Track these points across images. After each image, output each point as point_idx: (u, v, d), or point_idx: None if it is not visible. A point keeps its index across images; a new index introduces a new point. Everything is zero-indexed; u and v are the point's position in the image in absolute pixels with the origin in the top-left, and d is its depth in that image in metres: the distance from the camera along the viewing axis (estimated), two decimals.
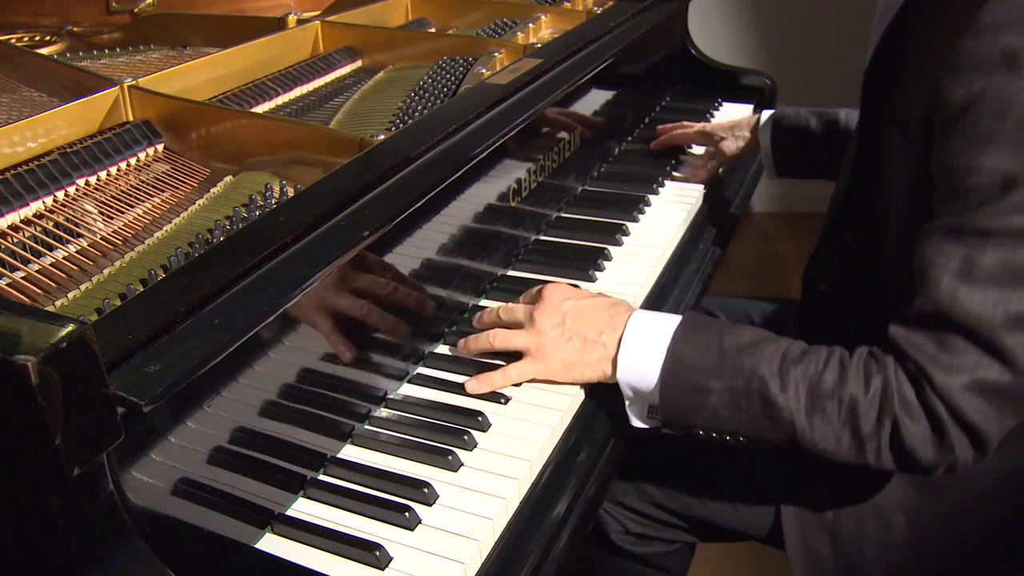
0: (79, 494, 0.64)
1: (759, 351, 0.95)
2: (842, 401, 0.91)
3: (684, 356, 0.97)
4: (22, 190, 1.03)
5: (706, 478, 1.20)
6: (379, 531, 0.85)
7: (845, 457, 0.93)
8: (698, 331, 0.99)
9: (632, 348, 1.00)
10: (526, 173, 1.31)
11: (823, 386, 0.92)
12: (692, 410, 0.97)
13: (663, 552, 1.30)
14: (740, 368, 0.95)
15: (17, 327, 0.61)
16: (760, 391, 0.94)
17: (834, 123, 1.46)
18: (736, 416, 0.96)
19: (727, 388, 0.95)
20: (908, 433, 0.89)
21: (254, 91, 1.38)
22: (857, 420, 0.91)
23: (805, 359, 0.94)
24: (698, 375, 0.96)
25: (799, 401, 0.92)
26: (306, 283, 0.84)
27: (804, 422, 0.92)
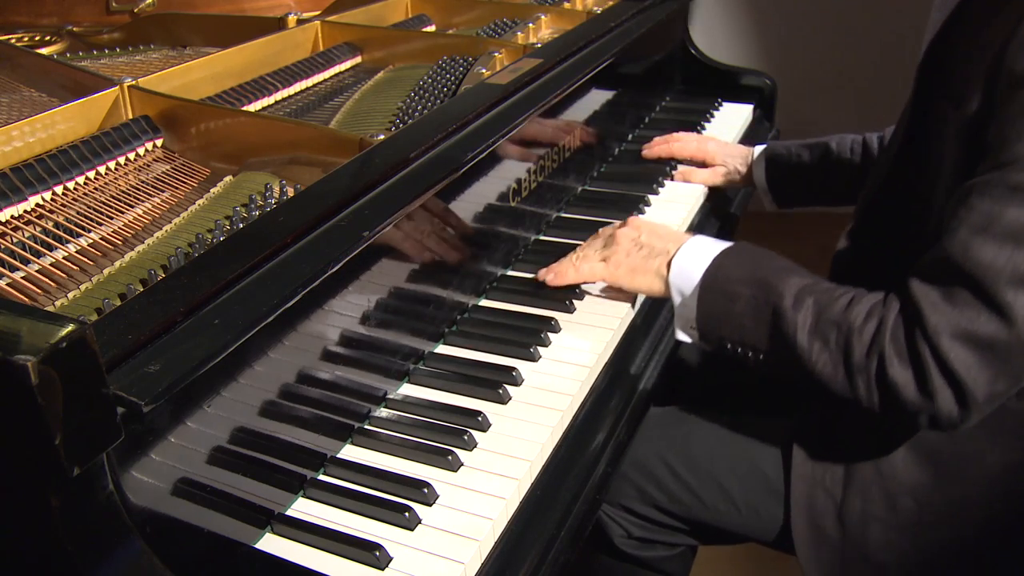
0: (79, 494, 0.64)
1: (789, 274, 1.02)
2: (840, 328, 0.95)
3: (724, 265, 1.07)
4: (21, 185, 1.03)
5: (710, 481, 1.19)
6: (379, 531, 0.85)
7: (840, 387, 0.96)
8: (745, 251, 1.09)
9: (686, 255, 1.10)
10: (526, 173, 1.31)
11: (830, 312, 0.96)
12: (722, 316, 1.05)
13: (665, 556, 1.30)
14: (766, 283, 1.02)
15: (17, 327, 0.61)
16: (775, 305, 1.00)
17: (826, 153, 1.48)
18: (755, 327, 1.02)
19: (752, 297, 1.02)
20: (893, 371, 0.91)
21: (253, 87, 1.38)
22: (851, 349, 0.94)
23: (825, 290, 0.99)
24: (731, 282, 1.05)
25: (806, 320, 0.97)
26: (306, 283, 0.84)
27: (805, 341, 0.97)
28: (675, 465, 1.21)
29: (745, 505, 1.18)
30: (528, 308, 1.21)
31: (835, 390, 0.97)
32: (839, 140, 1.47)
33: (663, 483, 1.21)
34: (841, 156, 1.46)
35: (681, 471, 1.20)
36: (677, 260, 1.10)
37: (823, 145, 1.49)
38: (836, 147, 1.47)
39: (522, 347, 1.10)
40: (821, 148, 1.49)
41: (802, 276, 1.02)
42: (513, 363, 1.08)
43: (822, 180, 1.49)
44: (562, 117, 1.43)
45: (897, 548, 1.09)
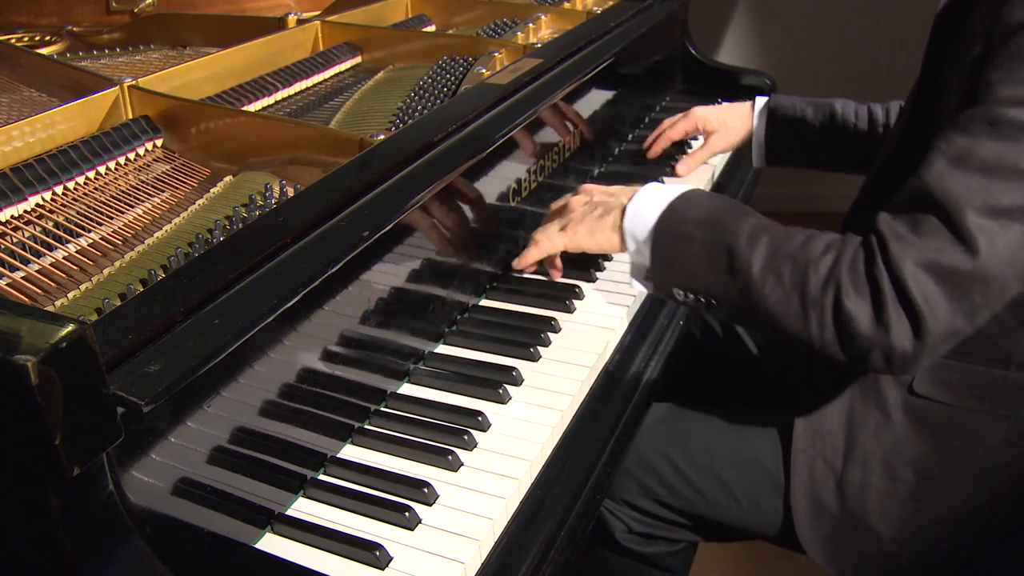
0: (79, 494, 0.64)
1: (743, 215, 1.00)
2: (796, 262, 0.93)
3: (678, 208, 1.04)
4: (21, 185, 1.03)
5: (711, 476, 1.20)
6: (379, 531, 0.85)
7: (792, 325, 0.93)
8: (701, 194, 1.06)
9: (640, 201, 1.08)
10: (526, 173, 1.31)
11: (786, 247, 0.94)
12: (674, 259, 1.02)
13: (667, 552, 1.30)
14: (722, 224, 0.99)
15: (17, 327, 0.61)
16: (729, 244, 0.97)
17: (831, 113, 1.47)
18: (708, 269, 0.99)
19: (706, 239, 0.99)
20: (849, 302, 0.89)
21: (253, 87, 1.38)
22: (806, 282, 0.92)
23: (782, 229, 0.98)
24: (685, 224, 1.02)
25: (760, 257, 0.95)
26: (306, 283, 0.84)
27: (758, 276, 0.94)
28: (676, 460, 1.21)
29: (746, 499, 1.18)
30: (528, 308, 1.21)
31: (787, 328, 0.94)
32: (844, 104, 1.47)
33: (664, 478, 1.21)
34: (846, 120, 1.46)
35: (682, 465, 1.20)
36: (631, 207, 1.08)
37: (828, 105, 1.48)
38: (841, 110, 1.47)
39: (522, 347, 1.10)
40: (826, 108, 1.48)
41: (759, 218, 1.00)
42: (513, 363, 1.08)
43: (821, 141, 1.48)
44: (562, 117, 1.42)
45: (895, 518, 1.09)
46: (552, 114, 1.38)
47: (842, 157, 1.48)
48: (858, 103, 1.47)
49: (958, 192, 0.86)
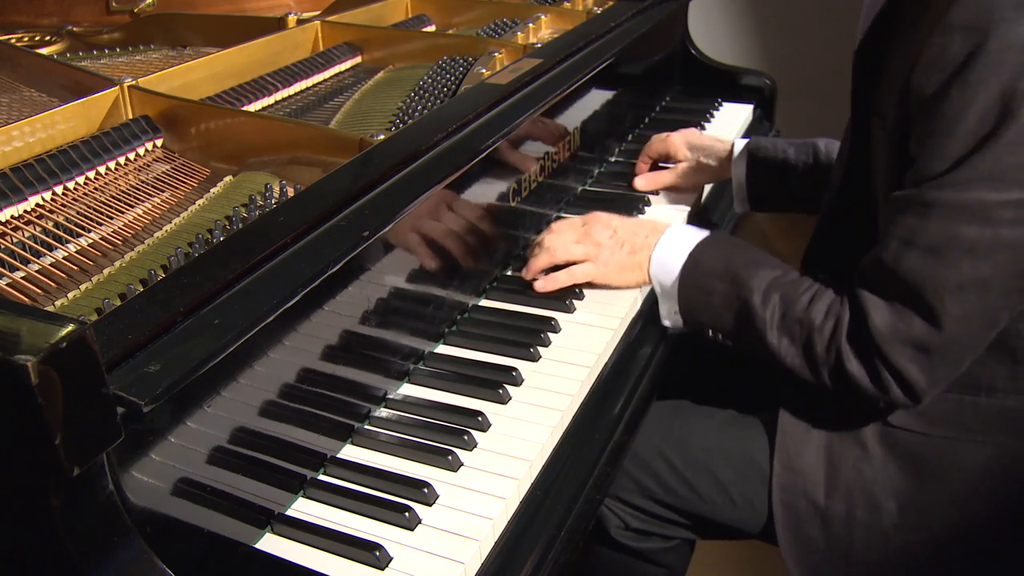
0: (79, 494, 0.64)
1: (758, 268, 1.10)
2: (803, 325, 1.04)
3: (700, 259, 1.14)
4: (21, 185, 1.03)
5: (706, 474, 1.20)
6: (379, 531, 0.85)
7: (807, 376, 1.06)
8: (719, 242, 1.16)
9: (665, 247, 1.18)
10: (526, 173, 1.31)
11: (794, 309, 1.05)
12: (701, 307, 1.14)
13: (662, 548, 1.30)
14: (737, 277, 1.10)
15: (17, 327, 0.61)
16: (745, 300, 1.08)
17: (815, 154, 1.42)
18: (731, 319, 1.11)
19: (725, 292, 1.10)
20: (850, 366, 1.01)
21: (253, 87, 1.38)
22: (812, 344, 1.03)
23: (789, 285, 1.07)
24: (706, 276, 1.13)
25: (773, 316, 1.06)
26: (306, 283, 0.84)
27: (774, 337, 1.06)
28: (672, 458, 1.21)
29: (741, 498, 1.18)
30: (528, 308, 1.21)
31: (803, 377, 1.06)
32: (827, 143, 1.42)
33: (660, 476, 1.21)
34: (831, 159, 1.40)
35: (678, 464, 1.21)
36: (656, 254, 1.18)
37: (811, 145, 1.43)
38: (825, 148, 1.42)
39: (522, 347, 1.10)
40: (808, 148, 1.43)
41: (771, 268, 1.09)
42: (513, 363, 1.08)
43: (805, 182, 1.43)
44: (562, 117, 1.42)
45: (881, 549, 1.10)
46: (552, 114, 1.38)
47: None
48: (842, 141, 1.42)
49: (913, 273, 0.96)
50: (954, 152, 0.91)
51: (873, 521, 1.10)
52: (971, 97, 0.89)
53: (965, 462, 1.07)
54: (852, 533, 1.10)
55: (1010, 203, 0.90)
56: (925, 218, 0.94)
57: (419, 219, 1.05)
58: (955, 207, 0.92)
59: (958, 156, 0.91)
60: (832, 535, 1.11)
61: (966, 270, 0.93)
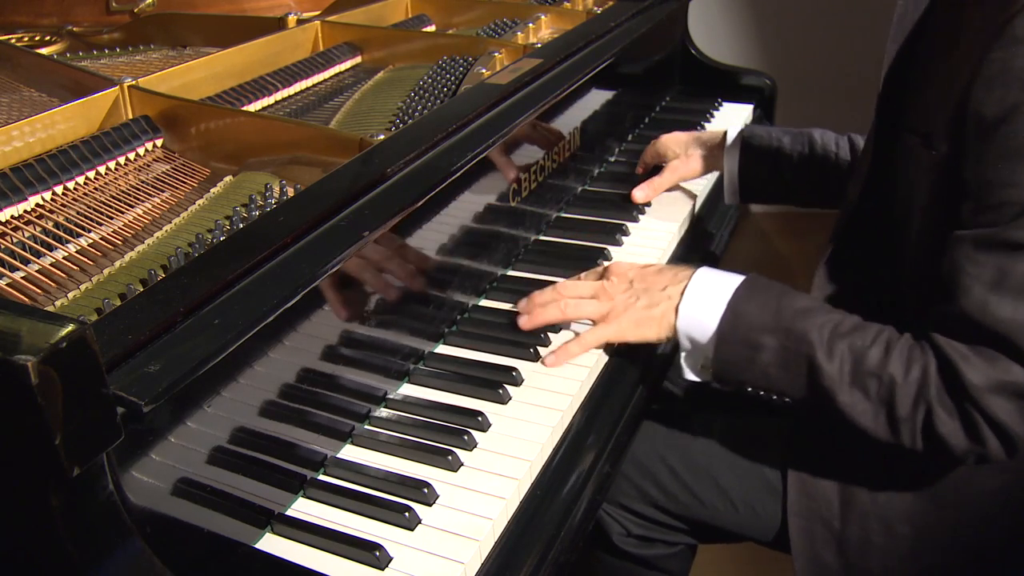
0: (79, 494, 0.64)
1: (813, 317, 0.98)
2: (882, 380, 0.94)
3: (742, 312, 1.01)
4: (21, 185, 1.03)
5: (708, 480, 1.20)
6: (379, 531, 0.85)
7: (881, 436, 0.96)
8: (759, 290, 1.03)
9: (694, 299, 1.05)
10: (526, 173, 1.31)
11: (867, 362, 0.94)
12: (744, 365, 1.01)
13: (665, 554, 1.30)
14: (792, 330, 0.98)
15: (17, 327, 0.61)
16: (808, 355, 0.97)
17: (810, 144, 1.39)
18: (784, 377, 0.99)
19: (779, 347, 0.99)
20: (940, 423, 0.91)
21: (253, 87, 1.38)
22: (894, 401, 0.93)
23: (854, 333, 0.96)
24: (753, 331, 1.00)
25: (842, 372, 0.95)
26: (306, 283, 0.84)
27: (846, 394, 0.95)
28: (674, 464, 1.21)
29: (743, 504, 1.18)
30: None
31: (875, 434, 0.96)
32: (823, 134, 1.39)
33: (662, 482, 1.21)
34: (827, 150, 1.38)
35: (680, 470, 1.20)
36: (685, 307, 1.05)
37: (806, 135, 1.40)
38: (821, 140, 1.39)
39: (522, 347, 1.10)
40: (804, 138, 1.40)
41: (826, 313, 0.99)
42: (513, 363, 1.08)
43: (799, 173, 1.39)
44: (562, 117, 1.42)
45: (898, 573, 1.08)
46: (552, 114, 1.38)
47: (822, 191, 1.39)
48: (838, 134, 1.39)
49: (1006, 318, 0.88)
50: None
51: (890, 545, 1.08)
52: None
53: (983, 489, 1.04)
54: (868, 558, 1.09)
55: None
56: (1014, 259, 0.87)
57: (419, 219, 1.05)
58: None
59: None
60: (849, 561, 1.10)
61: None
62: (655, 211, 1.50)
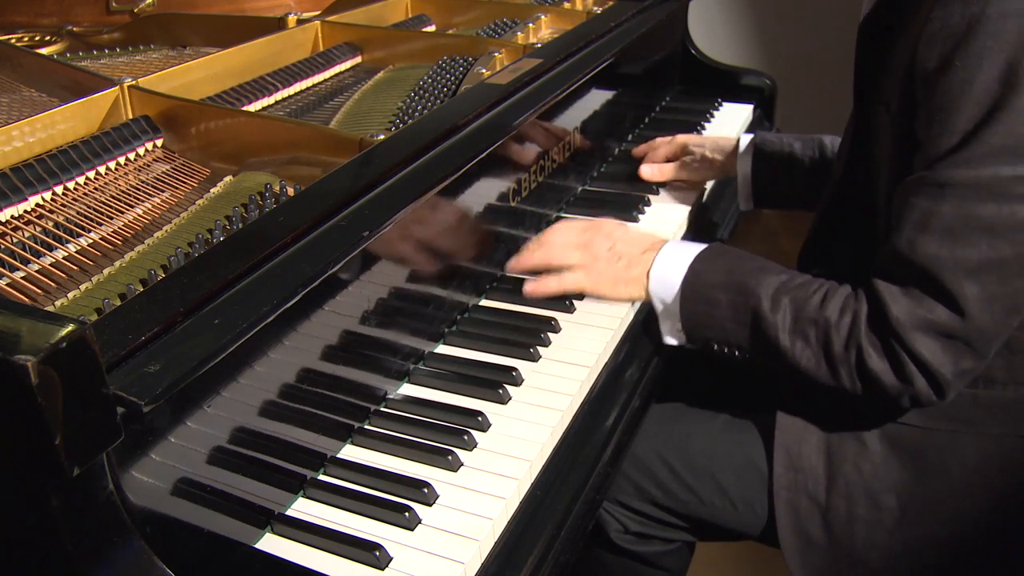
0: (79, 494, 0.64)
1: (764, 275, 1.06)
2: (819, 324, 1.01)
3: (701, 271, 1.10)
4: (21, 185, 1.03)
5: (706, 478, 1.20)
6: (379, 531, 0.85)
7: (824, 379, 1.02)
8: (719, 253, 1.12)
9: (663, 264, 1.14)
10: (526, 173, 1.31)
11: (807, 310, 1.02)
12: (704, 320, 1.10)
13: (662, 551, 1.30)
14: (743, 286, 1.06)
15: (17, 327, 0.61)
16: (754, 308, 1.05)
17: (821, 149, 1.42)
18: (737, 330, 1.07)
19: (731, 302, 1.07)
20: (871, 361, 0.98)
21: (253, 87, 1.38)
22: (830, 343, 1.00)
23: (799, 287, 1.04)
24: (710, 288, 1.09)
25: (784, 320, 1.03)
26: (306, 283, 0.84)
27: (787, 341, 1.03)
28: (671, 461, 1.21)
29: (741, 501, 1.18)
30: (528, 308, 1.21)
31: (821, 381, 1.03)
32: (833, 139, 1.42)
33: (659, 479, 1.21)
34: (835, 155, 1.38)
35: (677, 467, 1.20)
36: (655, 270, 1.13)
37: (816, 141, 1.43)
38: (831, 145, 1.41)
39: (522, 347, 1.10)
40: (814, 143, 1.43)
41: (776, 273, 1.06)
42: (513, 363, 1.08)
43: (811, 178, 1.42)
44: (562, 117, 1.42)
45: (883, 546, 1.10)
46: (552, 114, 1.38)
47: None
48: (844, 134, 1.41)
49: (929, 258, 0.93)
50: (962, 127, 0.89)
51: (874, 518, 1.09)
52: (975, 69, 0.88)
53: (965, 455, 1.06)
54: (853, 531, 1.10)
55: None
56: (939, 200, 0.92)
57: (419, 219, 1.05)
58: (969, 185, 0.90)
59: (967, 131, 0.89)
60: (834, 535, 1.11)
61: (984, 250, 0.91)
62: (655, 211, 1.50)
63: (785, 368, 1.04)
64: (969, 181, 0.90)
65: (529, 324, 1.16)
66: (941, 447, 1.07)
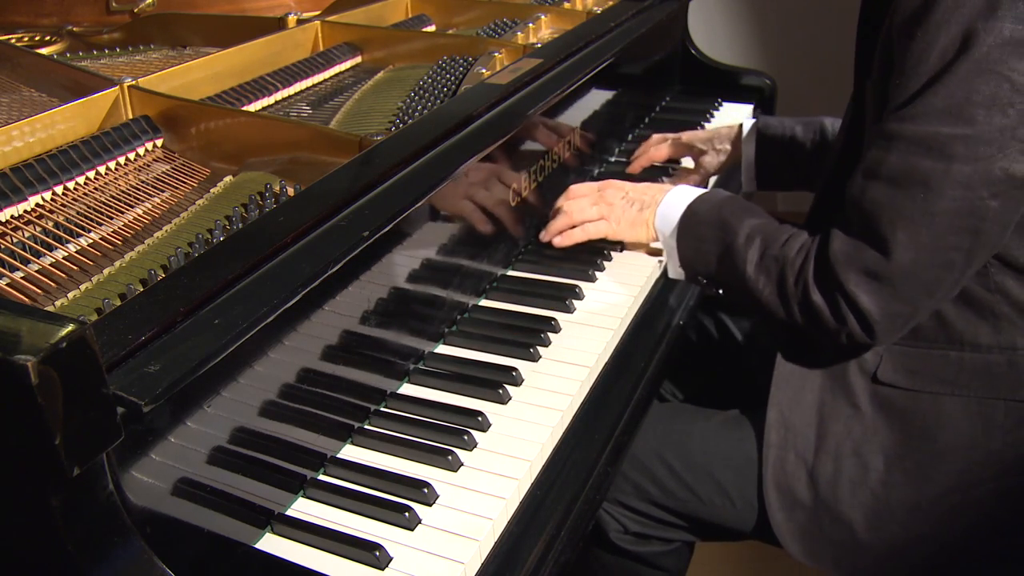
0: (79, 494, 0.64)
1: (746, 215, 1.15)
2: (778, 260, 1.09)
3: (695, 210, 1.21)
4: (21, 185, 1.03)
5: (704, 476, 1.20)
6: (379, 531, 0.85)
7: (780, 313, 1.09)
8: (715, 195, 1.22)
9: (667, 204, 1.24)
10: (526, 173, 1.31)
11: (772, 248, 1.10)
12: (695, 256, 1.20)
13: (662, 551, 1.30)
14: (727, 224, 1.15)
15: (17, 327, 0.61)
16: (730, 242, 1.13)
17: (821, 131, 1.47)
18: (719, 264, 1.16)
19: (715, 237, 1.16)
20: (814, 297, 1.05)
21: (253, 87, 1.38)
22: (784, 278, 1.08)
23: (774, 230, 1.12)
24: (701, 225, 1.19)
25: (753, 256, 1.11)
26: (306, 283, 0.84)
27: (753, 273, 1.11)
28: (671, 460, 1.21)
29: (740, 499, 1.18)
30: (528, 308, 1.21)
31: (776, 315, 1.10)
32: (833, 122, 1.46)
33: (658, 478, 1.21)
34: None
35: (677, 466, 1.21)
36: (660, 209, 1.24)
37: (817, 123, 1.48)
38: (832, 127, 1.46)
39: (522, 347, 1.10)
40: (815, 126, 1.48)
41: (759, 216, 1.15)
42: (513, 363, 1.08)
43: (812, 160, 1.46)
44: (562, 117, 1.42)
45: (867, 506, 1.11)
46: (552, 114, 1.38)
47: None
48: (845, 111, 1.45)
49: (873, 203, 0.99)
50: (913, 86, 0.96)
51: (860, 478, 1.12)
52: (933, 36, 0.93)
53: (950, 418, 1.09)
54: (838, 491, 1.12)
55: (960, 138, 0.93)
56: (887, 150, 0.98)
57: (419, 219, 1.05)
58: (912, 140, 0.96)
59: (916, 90, 0.95)
60: (818, 491, 1.13)
61: (920, 202, 0.96)
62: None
63: (751, 302, 1.12)
64: (912, 135, 0.96)
65: (529, 324, 1.16)
66: (928, 409, 1.10)
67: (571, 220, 1.30)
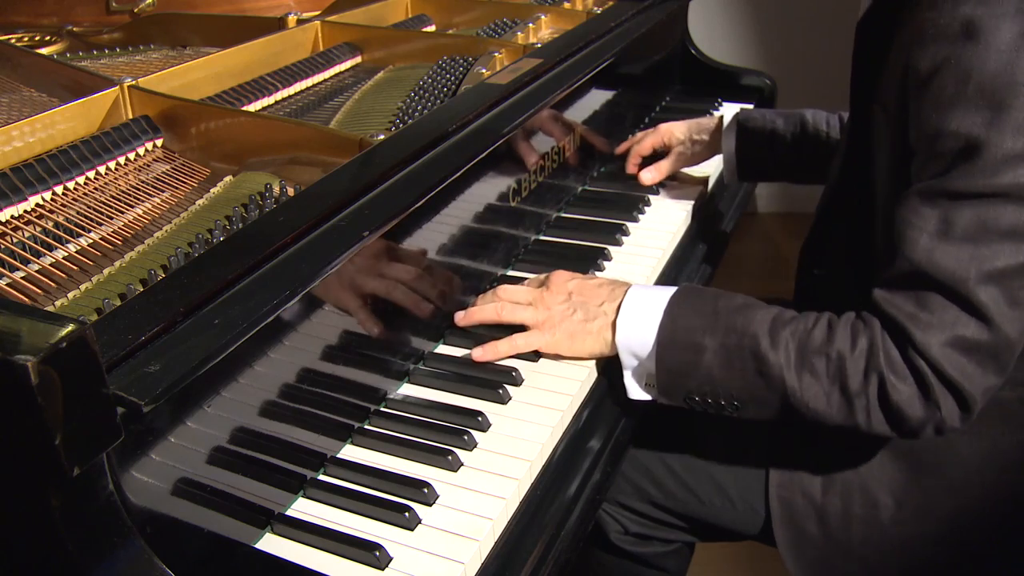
0: (79, 494, 0.64)
1: (751, 312, 0.99)
2: (830, 357, 0.93)
3: (679, 315, 1.01)
4: (21, 185, 1.03)
5: (705, 477, 1.20)
6: (379, 531, 0.85)
7: (836, 417, 0.95)
8: (693, 295, 1.03)
9: (630, 312, 1.04)
10: (526, 173, 1.31)
11: (812, 343, 0.94)
12: (687, 370, 1.00)
13: (662, 552, 1.30)
14: (733, 326, 0.98)
15: (17, 327, 0.61)
16: (752, 348, 0.96)
17: (802, 124, 1.45)
18: (729, 375, 0.98)
19: (720, 345, 0.97)
20: (894, 390, 0.91)
21: (253, 87, 1.38)
22: (845, 376, 0.93)
23: (795, 320, 0.97)
24: (693, 333, 0.99)
25: (789, 358, 0.95)
26: (306, 283, 0.84)
27: (794, 379, 0.94)
28: (671, 461, 1.21)
29: (739, 500, 1.18)
30: None
31: (829, 420, 0.95)
32: (814, 113, 1.45)
33: (659, 479, 1.21)
34: (817, 129, 1.43)
35: (677, 467, 1.21)
36: (622, 320, 1.04)
37: (798, 116, 1.46)
38: (812, 119, 1.44)
39: None
40: (796, 118, 1.46)
41: (765, 309, 1.00)
42: (513, 363, 1.08)
43: (793, 152, 1.45)
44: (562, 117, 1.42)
45: (878, 543, 1.10)
46: (552, 114, 1.38)
47: (814, 167, 1.43)
48: (829, 112, 1.44)
49: (952, 266, 0.88)
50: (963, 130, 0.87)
51: (870, 516, 1.09)
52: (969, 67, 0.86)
53: (961, 455, 1.06)
54: (850, 529, 1.10)
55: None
56: (955, 209, 0.88)
57: (419, 219, 1.05)
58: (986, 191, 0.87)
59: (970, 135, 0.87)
60: (830, 531, 1.11)
61: (1008, 256, 0.88)
62: (655, 211, 1.50)
63: (788, 409, 0.97)
64: (987, 188, 0.87)
65: None
66: (937, 447, 1.07)
67: (498, 315, 1.10)
